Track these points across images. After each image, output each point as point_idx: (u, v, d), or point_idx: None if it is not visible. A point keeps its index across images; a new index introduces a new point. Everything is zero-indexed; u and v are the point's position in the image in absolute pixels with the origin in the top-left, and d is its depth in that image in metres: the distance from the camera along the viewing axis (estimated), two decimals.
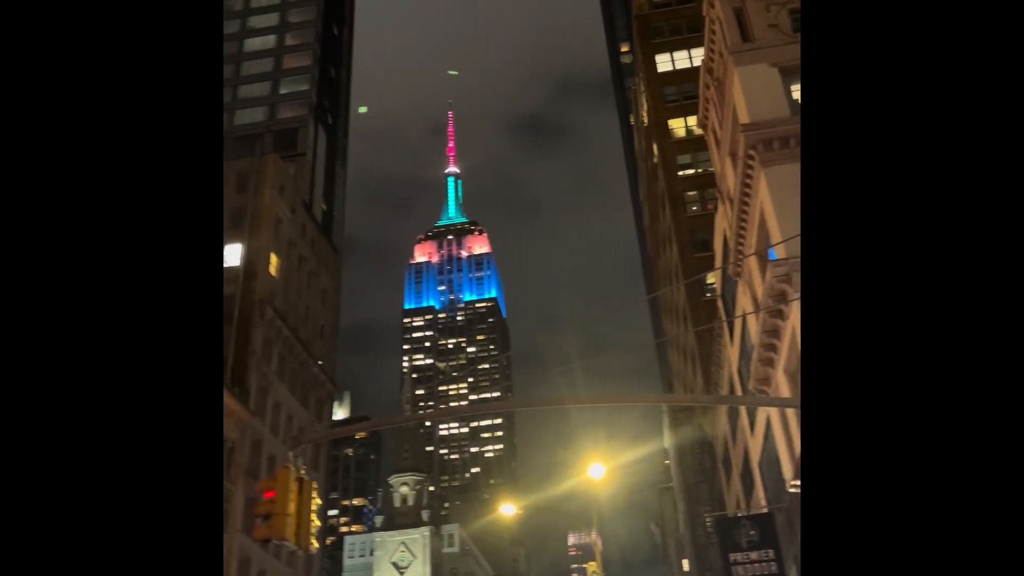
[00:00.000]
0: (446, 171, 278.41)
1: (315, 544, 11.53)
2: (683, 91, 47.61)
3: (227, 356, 46.20)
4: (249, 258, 50.60)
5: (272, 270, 52.08)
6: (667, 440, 50.26)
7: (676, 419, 44.74)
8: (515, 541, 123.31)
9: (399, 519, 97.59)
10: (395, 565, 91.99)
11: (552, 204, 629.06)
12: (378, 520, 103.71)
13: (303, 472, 11.59)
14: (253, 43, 75.93)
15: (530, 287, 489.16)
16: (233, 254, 51.05)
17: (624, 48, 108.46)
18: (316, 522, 11.32)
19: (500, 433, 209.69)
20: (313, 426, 54.16)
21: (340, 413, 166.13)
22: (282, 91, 72.53)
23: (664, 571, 67.35)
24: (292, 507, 10.72)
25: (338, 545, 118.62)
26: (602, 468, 26.40)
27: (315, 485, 11.62)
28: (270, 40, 75.70)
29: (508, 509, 54.10)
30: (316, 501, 11.34)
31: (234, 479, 42.79)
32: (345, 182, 78.60)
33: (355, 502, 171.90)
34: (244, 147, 64.83)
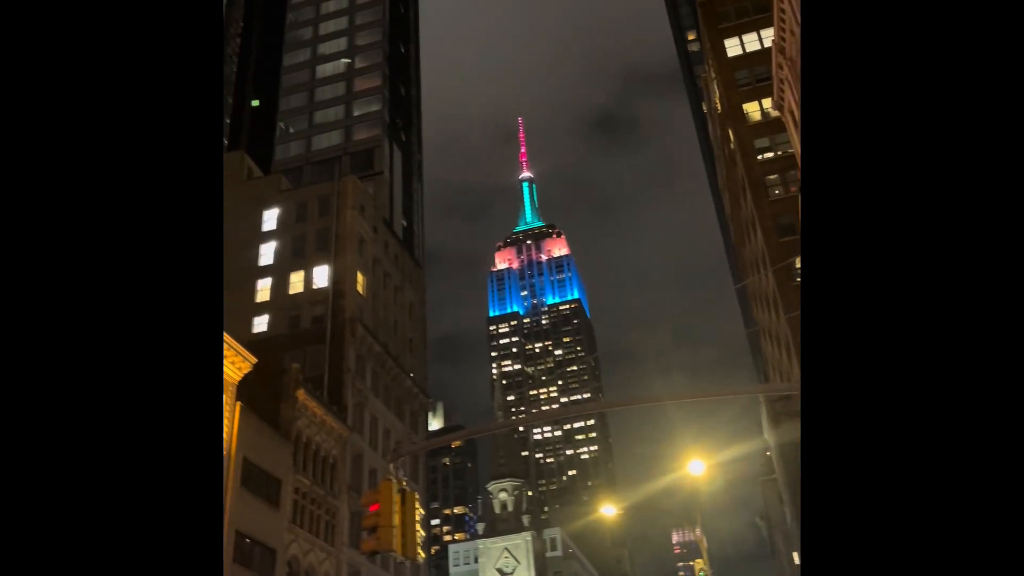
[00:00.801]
0: (520, 176, 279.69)
1: (421, 554, 11.71)
2: (755, 74, 46.51)
3: (323, 375, 47.52)
4: (336, 278, 51.95)
5: (359, 288, 53.31)
6: (767, 432, 49.03)
7: (775, 409, 43.60)
8: (617, 542, 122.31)
9: (500, 525, 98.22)
10: (500, 571, 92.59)
11: (629, 200, 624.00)
12: (480, 527, 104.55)
13: (404, 483, 11.80)
14: (324, 69, 78.04)
15: (613, 285, 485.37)
16: (321, 276, 52.53)
17: (691, 36, 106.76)
18: (421, 532, 11.50)
19: (594, 434, 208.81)
20: (410, 438, 55.11)
21: (435, 424, 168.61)
22: (356, 113, 74.26)
23: (773, 565, 65.65)
24: (397, 519, 10.93)
25: (442, 554, 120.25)
26: (702, 464, 25.92)
27: (417, 496, 11.82)
28: (340, 65, 77.67)
29: (609, 510, 53.72)
30: (419, 511, 11.53)
31: (337, 494, 43.91)
32: (422, 196, 79.88)
33: (456, 510, 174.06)
34: (323, 171, 66.68)
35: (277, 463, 38.25)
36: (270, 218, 55.75)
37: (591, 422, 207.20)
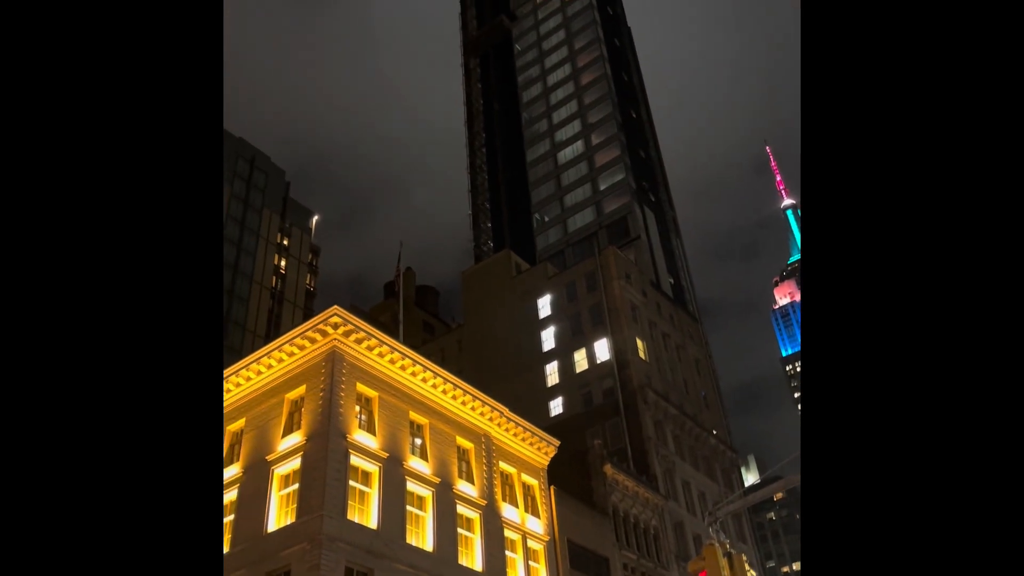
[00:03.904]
0: (782, 205, 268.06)
1: None
2: None
3: (624, 447, 47.67)
4: (617, 349, 52.51)
5: (641, 354, 53.38)
6: None
7: None
8: None
9: None
10: None
11: None
12: None
13: (728, 545, 11.34)
14: (565, 154, 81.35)
15: None
16: (602, 349, 53.44)
17: None
18: None
19: None
20: (726, 497, 53.08)
21: (750, 478, 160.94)
22: (602, 187, 76.13)
23: None
24: None
25: None
26: None
27: (744, 556, 11.26)
28: (579, 147, 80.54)
29: None
30: (750, 573, 10.96)
31: (667, 565, 43.11)
32: (684, 251, 78.99)
33: (795, 567, 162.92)
34: (583, 250, 68.67)
35: (600, 541, 38.57)
36: (544, 305, 58.22)
37: None
